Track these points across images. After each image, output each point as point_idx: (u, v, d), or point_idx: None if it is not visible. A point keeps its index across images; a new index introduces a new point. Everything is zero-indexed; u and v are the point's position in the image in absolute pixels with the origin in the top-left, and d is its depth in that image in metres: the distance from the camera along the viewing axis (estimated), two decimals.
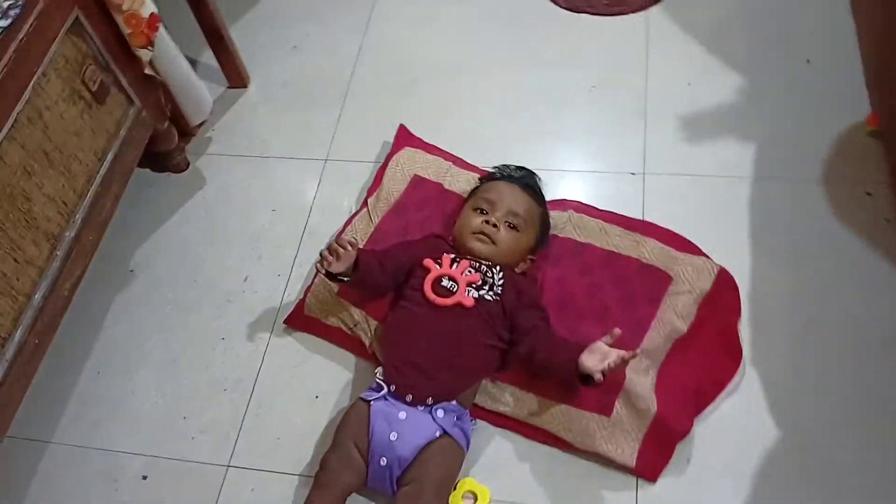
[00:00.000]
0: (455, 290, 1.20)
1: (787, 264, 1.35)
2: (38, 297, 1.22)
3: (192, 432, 1.31)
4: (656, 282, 1.29)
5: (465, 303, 1.18)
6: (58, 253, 1.26)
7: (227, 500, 1.23)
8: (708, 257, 1.32)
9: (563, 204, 1.43)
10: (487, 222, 1.25)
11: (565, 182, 1.52)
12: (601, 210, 1.42)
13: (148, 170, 1.67)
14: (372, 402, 1.17)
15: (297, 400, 1.31)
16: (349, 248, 1.20)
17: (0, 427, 1.15)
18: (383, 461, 1.13)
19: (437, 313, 1.19)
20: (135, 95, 1.44)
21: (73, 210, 1.30)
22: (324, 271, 1.20)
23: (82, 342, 1.43)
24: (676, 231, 1.37)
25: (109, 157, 1.39)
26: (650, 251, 1.32)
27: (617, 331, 1.12)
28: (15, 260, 1.16)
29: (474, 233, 1.26)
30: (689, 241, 1.34)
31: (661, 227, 1.37)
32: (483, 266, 1.24)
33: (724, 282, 1.30)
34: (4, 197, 1.13)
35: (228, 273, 1.49)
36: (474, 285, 1.21)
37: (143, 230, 1.58)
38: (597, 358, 1.10)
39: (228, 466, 1.27)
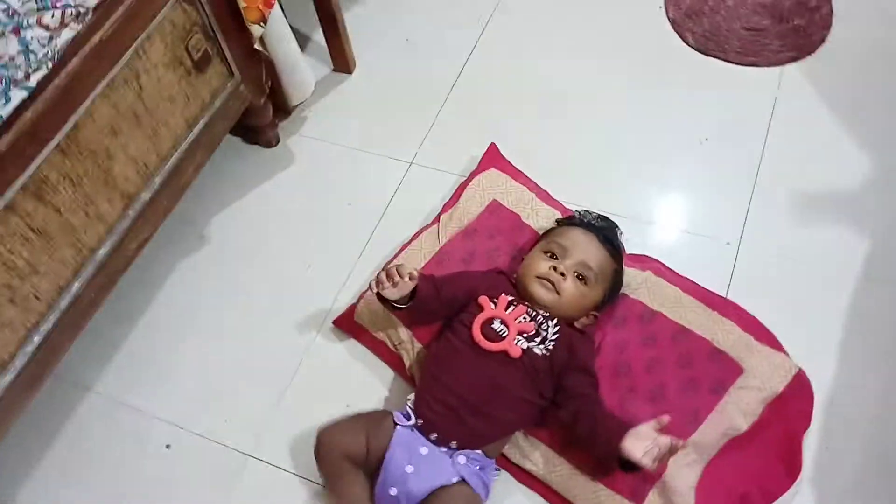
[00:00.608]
0: (504, 335, 1.14)
1: (876, 380, 1.22)
2: (102, 252, 1.24)
3: (223, 413, 1.31)
4: (725, 370, 1.18)
5: (511, 352, 1.12)
6: (130, 213, 1.28)
7: (240, 490, 1.23)
8: (787, 354, 1.21)
9: (642, 261, 1.34)
10: (555, 269, 1.18)
11: (652, 236, 1.42)
12: (682, 277, 1.32)
13: (238, 139, 1.68)
14: (398, 427, 1.14)
15: (328, 405, 1.28)
16: (407, 278, 1.15)
17: (45, 371, 1.18)
18: (393, 491, 1.09)
19: (481, 356, 1.13)
20: (236, 68, 1.44)
21: (152, 173, 1.31)
22: (375, 291, 1.16)
23: (140, 298, 1.46)
24: (760, 317, 1.25)
25: (200, 125, 1.40)
26: (726, 335, 1.21)
27: (666, 418, 1.04)
28: (86, 214, 1.19)
29: (539, 277, 1.19)
30: (771, 333, 1.23)
31: (744, 310, 1.26)
32: (540, 316, 1.17)
33: (800, 385, 1.18)
34: (87, 152, 1.15)
35: (292, 258, 1.49)
36: (525, 335, 1.14)
37: (220, 198, 1.59)
38: (642, 445, 1.02)
39: (249, 456, 1.26)
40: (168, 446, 1.29)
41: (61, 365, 1.23)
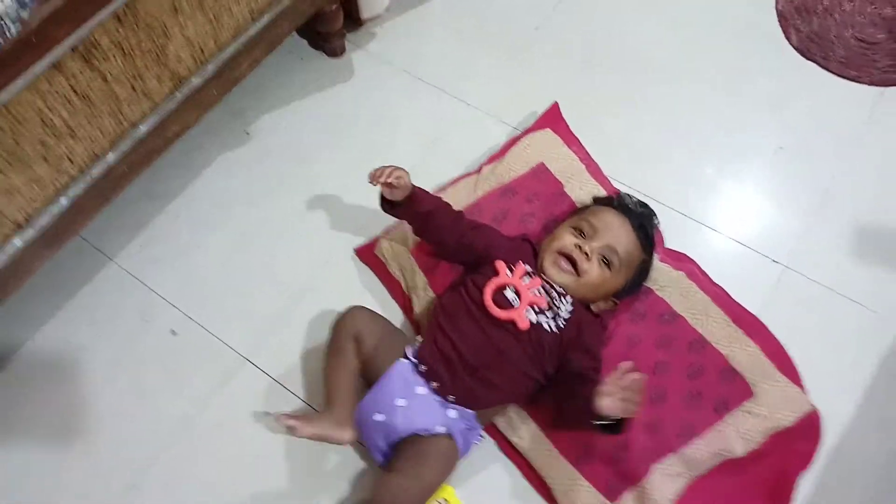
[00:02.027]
0: (516, 304, 1.11)
1: (889, 443, 1.16)
2: (143, 129, 1.23)
3: (233, 312, 1.32)
4: (734, 390, 1.14)
5: (519, 323, 1.09)
6: (177, 95, 1.26)
7: (232, 390, 1.25)
8: (804, 390, 1.15)
9: (680, 260, 1.28)
10: (580, 248, 1.13)
11: (696, 235, 1.36)
12: (716, 285, 1.26)
13: (304, 42, 1.64)
14: (403, 360, 1.13)
15: (330, 323, 1.28)
16: (390, 179, 1.14)
17: (67, 234, 1.19)
18: (379, 417, 1.09)
19: (489, 322, 1.10)
20: None
21: (207, 59, 1.28)
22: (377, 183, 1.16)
23: (176, 182, 1.46)
24: (787, 346, 1.20)
25: (264, 20, 1.36)
26: (744, 355, 1.16)
27: (628, 364, 1.00)
28: (132, 87, 1.17)
29: (561, 253, 1.14)
30: (793, 364, 1.18)
31: (771, 335, 1.20)
32: (555, 291, 1.13)
33: (809, 425, 1.13)
34: (144, 25, 1.13)
35: (332, 174, 1.46)
36: (536, 308, 1.11)
37: (273, 98, 1.56)
38: (611, 399, 0.98)
39: (248, 360, 1.27)
40: (173, 332, 1.31)
41: (88, 231, 1.24)
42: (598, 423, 1.02)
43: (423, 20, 1.68)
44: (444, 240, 1.22)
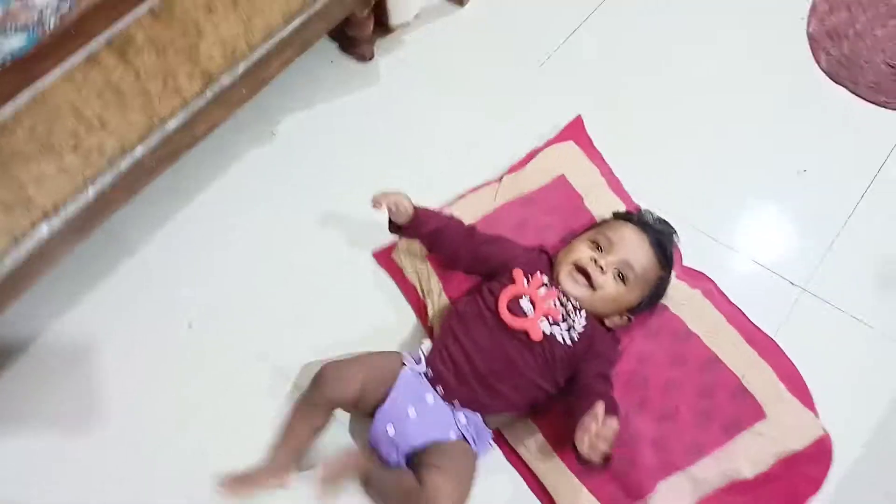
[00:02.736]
0: (531, 314, 1.11)
1: None
2: (172, 125, 1.25)
3: (249, 309, 1.33)
4: (745, 412, 1.13)
5: (532, 333, 1.09)
6: (208, 93, 1.28)
7: (241, 385, 1.26)
8: (816, 415, 1.14)
9: (696, 278, 1.28)
10: (595, 261, 1.14)
11: (714, 254, 1.35)
12: (732, 305, 1.25)
13: (335, 45, 1.66)
14: (406, 369, 1.14)
15: (346, 331, 1.29)
16: (386, 207, 1.19)
17: (92, 224, 1.22)
18: (390, 429, 1.10)
19: (502, 330, 1.11)
20: None
21: (238, 59, 1.31)
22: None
23: (202, 178, 1.48)
24: (800, 368, 1.19)
25: (296, 23, 1.38)
26: (757, 377, 1.16)
27: (600, 408, 0.99)
28: (164, 83, 1.19)
29: (577, 267, 1.15)
30: (807, 388, 1.17)
31: (786, 357, 1.20)
32: (570, 304, 1.13)
33: (820, 450, 1.12)
34: (177, 23, 1.15)
35: (355, 177, 1.47)
36: (551, 319, 1.11)
37: (300, 99, 1.58)
38: (585, 438, 0.97)
39: (260, 357, 1.28)
40: (190, 326, 1.32)
41: (112, 223, 1.27)
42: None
43: (452, 29, 1.69)
44: (457, 255, 1.23)
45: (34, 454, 1.21)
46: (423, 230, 1.22)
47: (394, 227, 1.25)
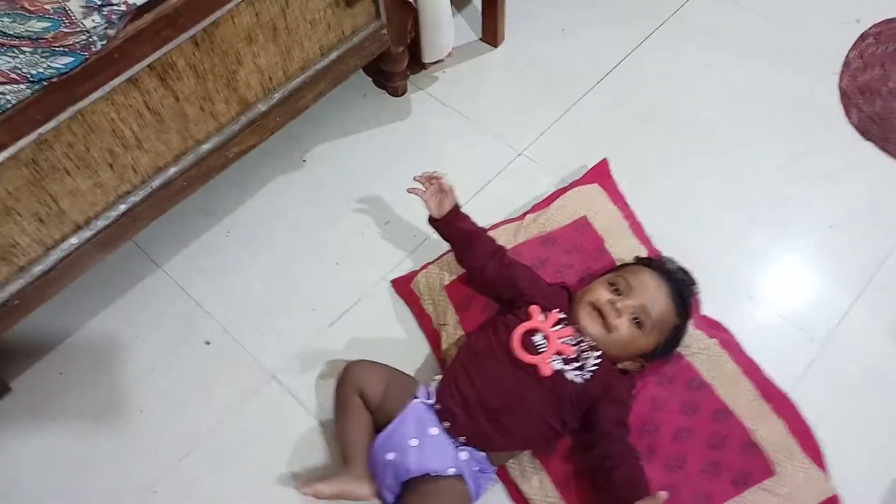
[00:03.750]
0: (542, 350, 1.11)
1: None
2: (206, 147, 1.30)
3: (267, 330, 1.36)
4: (755, 467, 1.11)
5: (542, 369, 1.09)
6: (242, 119, 1.33)
7: (253, 404, 1.28)
8: (827, 474, 1.12)
9: (713, 327, 1.27)
10: (612, 303, 1.14)
11: (734, 305, 1.34)
12: (748, 357, 1.24)
13: (369, 79, 1.71)
14: (418, 400, 1.14)
15: (360, 357, 1.30)
16: (435, 188, 1.26)
17: (121, 238, 1.26)
18: (391, 456, 1.10)
19: (513, 365, 1.11)
20: (384, 12, 1.45)
21: (275, 88, 1.35)
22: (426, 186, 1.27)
23: (231, 199, 1.52)
24: (814, 426, 1.17)
25: (332, 56, 1.42)
26: (769, 432, 1.14)
27: (663, 494, 0.99)
28: (201, 108, 1.24)
29: (594, 306, 1.15)
30: (818, 446, 1.15)
31: (799, 414, 1.18)
32: (585, 343, 1.13)
33: None
34: (219, 51, 1.20)
35: (378, 208, 1.51)
36: (563, 357, 1.11)
37: (332, 129, 1.63)
38: None
39: (275, 378, 1.31)
40: (208, 343, 1.35)
41: (141, 237, 1.31)
42: None
43: (484, 68, 1.73)
44: (484, 267, 1.24)
45: (52, 452, 1.24)
46: (462, 226, 1.26)
47: (431, 218, 1.28)
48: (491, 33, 1.75)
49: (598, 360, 1.13)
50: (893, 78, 1.64)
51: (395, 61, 1.60)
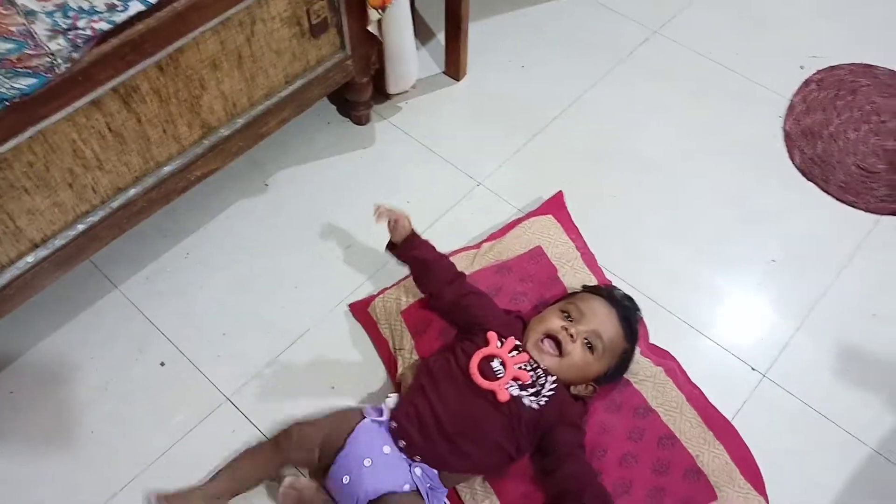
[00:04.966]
0: (500, 376, 1.14)
1: None
2: (167, 169, 1.31)
3: (220, 351, 1.37)
4: (698, 492, 1.15)
5: (499, 395, 1.12)
6: (205, 142, 1.34)
7: (207, 427, 1.28)
8: (767, 501, 1.16)
9: (660, 355, 1.32)
10: (566, 329, 1.17)
11: (680, 336, 1.39)
12: (693, 385, 1.29)
13: (334, 107, 1.74)
14: (366, 419, 1.16)
15: (316, 380, 1.33)
16: (385, 220, 1.28)
17: (79, 257, 1.26)
18: (346, 479, 1.11)
19: (470, 390, 1.14)
20: (349, 44, 1.49)
21: (238, 114, 1.38)
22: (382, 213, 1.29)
23: (190, 222, 1.53)
24: (755, 453, 1.21)
25: (297, 84, 1.45)
26: (712, 458, 1.18)
27: None
28: (164, 130, 1.26)
29: (548, 334, 1.18)
30: (759, 472, 1.19)
31: (741, 441, 1.22)
32: (540, 369, 1.16)
33: None
34: (183, 76, 1.22)
35: (338, 233, 1.53)
36: (520, 383, 1.14)
37: (295, 155, 1.65)
38: None
39: (228, 400, 1.31)
40: (162, 364, 1.35)
41: (99, 257, 1.30)
42: None
43: (447, 100, 1.78)
44: (441, 293, 1.27)
45: None
46: (417, 254, 1.29)
47: (390, 244, 1.31)
48: (454, 67, 1.80)
49: (554, 386, 1.16)
50: (834, 122, 1.73)
51: (359, 91, 1.64)
